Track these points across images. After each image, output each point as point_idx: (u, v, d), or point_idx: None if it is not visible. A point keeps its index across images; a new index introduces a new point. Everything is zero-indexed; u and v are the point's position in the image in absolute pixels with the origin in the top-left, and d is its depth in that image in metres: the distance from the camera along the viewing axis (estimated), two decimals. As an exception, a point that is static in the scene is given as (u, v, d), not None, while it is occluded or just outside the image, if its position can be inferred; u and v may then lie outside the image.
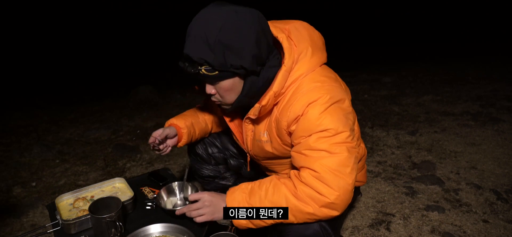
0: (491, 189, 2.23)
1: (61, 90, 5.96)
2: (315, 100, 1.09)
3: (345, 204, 1.07)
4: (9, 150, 3.13)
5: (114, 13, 18.41)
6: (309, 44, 1.17)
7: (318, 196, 1.04)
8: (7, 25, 13.59)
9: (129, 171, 2.67)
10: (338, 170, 1.04)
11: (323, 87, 1.12)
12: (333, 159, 1.05)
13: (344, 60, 6.41)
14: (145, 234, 1.34)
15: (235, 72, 1.08)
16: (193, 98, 4.67)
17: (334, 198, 1.03)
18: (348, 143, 1.08)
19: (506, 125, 3.25)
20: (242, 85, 1.14)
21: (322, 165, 1.04)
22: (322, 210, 1.05)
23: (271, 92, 1.13)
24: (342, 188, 1.04)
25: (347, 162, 1.06)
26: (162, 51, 9.44)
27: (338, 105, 1.10)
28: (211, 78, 1.10)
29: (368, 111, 3.84)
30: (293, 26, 1.20)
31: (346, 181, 1.04)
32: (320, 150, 1.06)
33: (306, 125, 1.09)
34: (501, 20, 12.45)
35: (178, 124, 1.52)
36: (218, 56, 1.03)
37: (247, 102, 1.18)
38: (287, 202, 1.08)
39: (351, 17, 15.62)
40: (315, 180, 1.05)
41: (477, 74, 5.32)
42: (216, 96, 1.18)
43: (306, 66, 1.15)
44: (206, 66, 1.06)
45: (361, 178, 1.48)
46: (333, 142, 1.06)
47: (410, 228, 1.90)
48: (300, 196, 1.06)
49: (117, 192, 1.65)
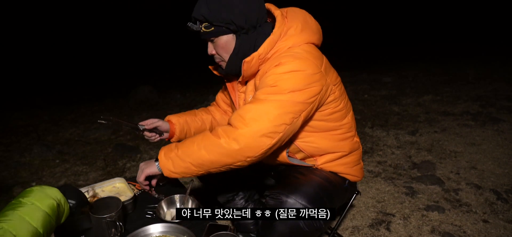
0: (491, 189, 2.23)
1: (61, 90, 5.97)
2: (282, 63, 1.16)
3: (248, 144, 1.11)
4: (9, 150, 3.13)
5: (114, 13, 18.41)
6: (300, 22, 1.26)
7: (230, 130, 1.13)
8: (7, 25, 13.59)
9: (129, 171, 2.67)
10: (257, 115, 1.12)
11: (294, 56, 1.18)
12: (259, 106, 1.13)
13: (344, 60, 6.41)
14: (145, 234, 1.34)
15: (227, 28, 1.20)
16: (193, 98, 4.68)
17: (238, 134, 1.11)
18: (285, 102, 1.13)
19: (506, 125, 3.25)
20: (234, 44, 1.25)
21: (247, 107, 1.15)
22: (230, 143, 1.11)
23: (256, 53, 1.22)
24: (251, 130, 1.10)
25: (269, 112, 1.12)
26: (162, 51, 9.45)
27: (299, 72, 1.15)
28: (209, 35, 1.24)
29: (368, 111, 3.84)
30: (292, 9, 1.31)
31: (259, 126, 1.11)
32: (257, 98, 1.16)
33: (265, 79, 1.18)
34: (501, 20, 12.45)
35: (171, 119, 1.58)
36: (212, 11, 1.18)
37: (238, 63, 1.27)
38: (204, 137, 1.17)
39: (351, 17, 15.62)
40: (235, 119, 1.14)
41: (477, 74, 5.32)
42: (217, 56, 1.31)
43: (293, 40, 1.23)
44: (206, 24, 1.21)
45: (357, 173, 1.48)
46: (272, 97, 1.14)
47: (410, 228, 1.90)
48: (217, 131, 1.16)
49: (117, 192, 1.65)
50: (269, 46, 1.22)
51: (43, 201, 0.95)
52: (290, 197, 1.21)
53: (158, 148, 3.05)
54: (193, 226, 1.35)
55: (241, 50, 1.25)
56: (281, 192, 1.22)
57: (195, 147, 1.17)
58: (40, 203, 0.94)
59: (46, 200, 0.96)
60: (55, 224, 0.98)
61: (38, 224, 0.90)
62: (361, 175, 1.53)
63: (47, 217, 0.94)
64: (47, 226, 0.93)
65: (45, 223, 0.92)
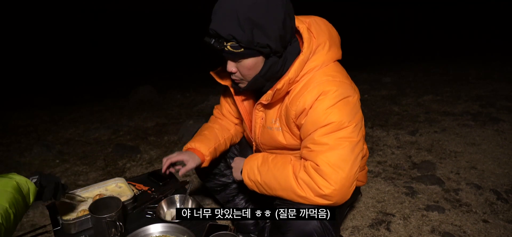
0: (491, 189, 2.23)
1: (61, 90, 5.97)
2: (325, 92, 1.12)
3: (341, 197, 1.11)
4: (9, 150, 3.13)
5: (114, 12, 18.40)
6: (327, 38, 1.21)
7: (314, 187, 1.10)
8: (7, 25, 13.58)
9: (129, 171, 2.67)
10: (338, 164, 1.08)
11: (334, 81, 1.15)
12: (334, 153, 1.09)
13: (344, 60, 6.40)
14: (145, 234, 1.34)
15: (260, 50, 1.11)
16: (193, 98, 4.67)
17: (330, 191, 1.08)
18: (351, 138, 1.11)
19: (506, 125, 3.25)
20: (262, 65, 1.17)
21: (323, 159, 1.09)
22: (316, 199, 1.11)
23: (286, 77, 1.16)
24: (339, 182, 1.08)
25: (348, 157, 1.10)
26: (162, 51, 9.45)
27: (346, 101, 1.13)
28: (236, 56, 1.13)
29: (368, 111, 3.84)
30: (314, 20, 1.23)
31: (344, 175, 1.08)
32: (323, 143, 1.11)
33: (314, 117, 1.13)
34: (501, 19, 12.44)
35: (202, 151, 1.48)
36: (246, 33, 1.06)
37: (261, 83, 1.21)
38: (287, 180, 1.15)
39: (351, 17, 15.62)
40: (314, 172, 1.10)
41: (477, 74, 5.32)
42: (237, 74, 1.21)
43: (322, 59, 1.18)
44: (233, 43, 1.09)
45: (361, 178, 1.48)
46: (337, 136, 1.10)
47: (410, 228, 1.90)
48: (299, 181, 1.13)
49: (119, 192, 1.65)
50: (299, 68, 1.16)
51: (5, 185, 1.01)
52: (302, 205, 1.18)
53: (159, 148, 3.06)
54: (193, 226, 1.35)
55: (269, 72, 1.17)
56: (293, 202, 1.19)
57: (277, 186, 1.19)
58: (2, 187, 1.00)
59: (8, 182, 1.02)
60: (23, 202, 1.05)
61: (6, 204, 0.96)
62: (365, 179, 1.54)
63: (13, 197, 0.99)
64: (15, 205, 0.99)
65: (12, 202, 0.98)
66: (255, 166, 1.25)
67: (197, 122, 3.27)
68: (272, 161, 1.23)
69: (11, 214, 0.95)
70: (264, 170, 1.22)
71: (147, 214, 1.52)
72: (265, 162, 1.24)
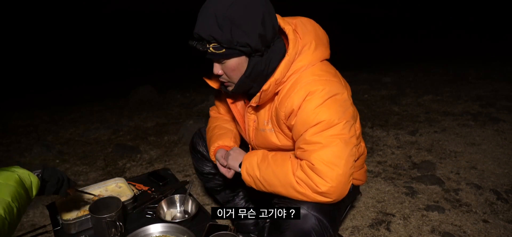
0: (491, 189, 2.23)
1: (61, 90, 5.97)
2: (312, 92, 1.13)
3: (339, 193, 1.12)
4: (9, 150, 3.13)
5: (114, 12, 18.41)
6: (313, 38, 1.21)
7: (312, 184, 1.11)
8: (7, 25, 13.58)
9: (129, 171, 2.67)
10: (332, 161, 1.10)
11: (320, 80, 1.16)
12: (327, 151, 1.10)
13: (344, 60, 6.41)
14: (145, 234, 1.34)
15: (241, 50, 1.12)
16: (193, 98, 4.67)
17: (326, 188, 1.10)
18: (343, 135, 1.12)
19: (506, 125, 3.25)
20: (246, 66, 1.18)
21: (317, 157, 1.11)
22: (314, 196, 1.13)
23: (272, 79, 1.17)
24: (335, 179, 1.09)
25: (341, 153, 1.11)
26: (162, 51, 9.45)
27: (334, 99, 1.14)
28: (219, 56, 1.15)
29: (368, 111, 3.84)
30: (300, 21, 1.24)
31: (340, 172, 1.09)
32: (315, 142, 1.12)
33: (303, 118, 1.14)
34: (501, 19, 12.45)
35: (227, 144, 1.48)
36: (225, 33, 1.08)
37: (248, 85, 1.22)
38: (286, 176, 1.16)
39: (352, 17, 15.61)
40: (310, 170, 1.12)
41: (477, 74, 5.32)
42: (224, 77, 1.23)
43: (309, 59, 1.19)
44: (214, 44, 1.11)
45: (360, 177, 1.48)
46: (328, 134, 1.11)
47: (410, 228, 1.90)
48: (297, 178, 1.15)
49: (119, 192, 1.65)
50: (285, 69, 1.17)
51: (8, 178, 1.00)
52: (302, 207, 1.18)
53: (159, 148, 3.06)
54: (193, 226, 1.35)
55: (254, 72, 1.18)
56: (291, 201, 1.19)
57: (276, 182, 1.19)
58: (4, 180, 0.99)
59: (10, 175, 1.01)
60: (26, 196, 1.03)
61: (9, 197, 0.95)
62: (364, 178, 1.53)
63: (15, 190, 0.99)
64: (18, 198, 0.99)
65: (14, 196, 0.97)
66: (254, 161, 1.25)
67: (197, 122, 3.27)
68: (272, 158, 1.24)
69: (14, 207, 0.95)
70: (263, 166, 1.22)
71: (147, 214, 1.52)
72: (265, 159, 1.24)
